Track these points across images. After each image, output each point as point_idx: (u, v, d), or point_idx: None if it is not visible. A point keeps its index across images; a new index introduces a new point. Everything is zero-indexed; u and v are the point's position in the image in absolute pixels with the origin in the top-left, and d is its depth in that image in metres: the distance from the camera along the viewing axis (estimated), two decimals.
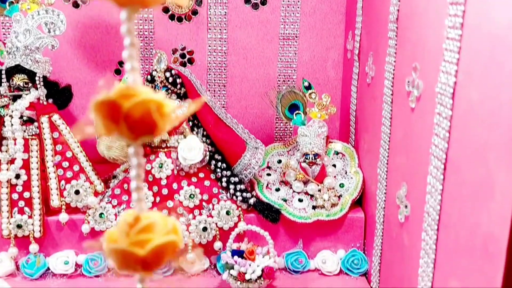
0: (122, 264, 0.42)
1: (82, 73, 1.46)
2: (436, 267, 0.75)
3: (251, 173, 1.22)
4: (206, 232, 1.18)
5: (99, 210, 1.20)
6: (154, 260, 0.41)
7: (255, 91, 1.50)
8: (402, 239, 0.92)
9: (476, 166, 0.63)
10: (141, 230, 0.42)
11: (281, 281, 1.19)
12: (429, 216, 0.77)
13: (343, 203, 1.22)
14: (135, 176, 0.43)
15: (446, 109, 0.70)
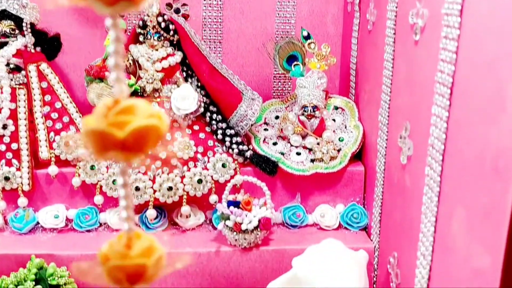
0: (100, 148, 0.38)
1: (72, 29, 1.40)
2: (440, 200, 0.72)
3: (247, 125, 1.18)
4: (201, 185, 1.14)
5: (90, 162, 1.16)
6: (135, 144, 0.37)
7: (252, 47, 1.45)
8: (404, 182, 0.88)
9: (485, 81, 0.59)
10: (121, 111, 0.38)
11: (279, 235, 1.15)
12: (433, 149, 0.73)
13: (342, 156, 1.18)
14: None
15: (453, 29, 0.66)
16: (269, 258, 1.09)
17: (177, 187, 1.13)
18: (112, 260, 0.40)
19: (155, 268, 0.41)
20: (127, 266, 0.40)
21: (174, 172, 1.13)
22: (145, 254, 0.41)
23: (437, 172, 0.72)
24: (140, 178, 1.13)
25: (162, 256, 0.42)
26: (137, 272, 0.40)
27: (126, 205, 0.42)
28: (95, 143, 0.38)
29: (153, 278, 0.42)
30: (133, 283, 0.41)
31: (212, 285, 1.10)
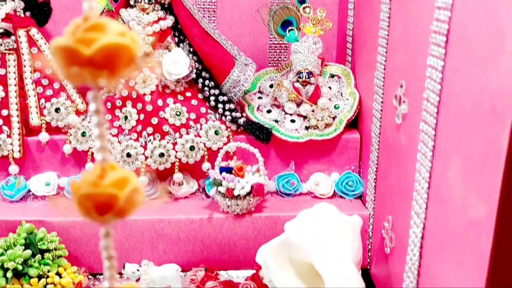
0: (67, 65, 0.35)
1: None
2: (435, 154, 0.70)
3: (240, 91, 1.16)
4: (193, 152, 1.12)
5: (81, 129, 1.14)
6: (102, 63, 0.35)
7: (247, 16, 1.41)
8: (399, 142, 0.86)
9: (482, 22, 0.56)
10: (90, 28, 0.36)
11: (272, 203, 1.14)
12: (428, 102, 0.71)
13: (338, 123, 1.16)
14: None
15: None
16: (262, 224, 1.08)
17: (169, 154, 1.11)
18: (82, 189, 0.38)
19: (128, 201, 0.39)
20: (96, 194, 0.38)
21: (166, 138, 1.11)
22: (117, 185, 0.39)
23: (432, 125, 0.69)
24: (131, 144, 1.11)
25: (136, 190, 0.40)
26: (107, 202, 0.38)
27: (100, 134, 0.40)
28: (62, 60, 0.36)
29: (125, 212, 0.40)
30: (102, 214, 0.39)
31: (205, 251, 1.09)
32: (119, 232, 1.07)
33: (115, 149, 1.12)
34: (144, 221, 1.07)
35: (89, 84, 0.37)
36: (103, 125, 0.40)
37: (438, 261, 0.69)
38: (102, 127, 0.40)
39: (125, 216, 0.41)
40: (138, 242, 1.08)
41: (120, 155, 1.11)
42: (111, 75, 0.36)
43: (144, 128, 1.11)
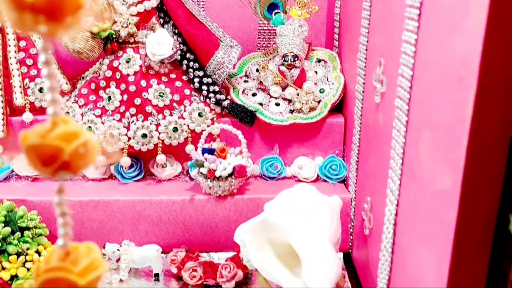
0: (10, 8, 0.35)
1: None
2: (408, 129, 0.69)
3: (224, 73, 1.15)
4: (176, 133, 1.12)
5: (64, 109, 1.14)
6: (46, 9, 0.35)
7: (236, 1, 1.41)
8: (378, 123, 0.86)
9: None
10: None
11: (256, 186, 1.13)
12: (402, 77, 0.70)
13: (322, 106, 1.15)
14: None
15: None
16: (244, 206, 1.08)
17: (151, 135, 1.11)
18: (29, 139, 0.38)
19: (74, 155, 0.39)
20: (41, 146, 0.38)
21: (149, 119, 1.11)
22: (65, 138, 0.39)
23: (405, 100, 0.69)
24: (114, 125, 1.11)
25: (86, 144, 0.40)
26: (52, 154, 0.38)
27: (50, 86, 0.39)
28: (5, 5, 0.35)
29: (72, 166, 0.40)
30: (46, 165, 0.38)
31: (186, 233, 1.08)
32: (100, 213, 1.07)
33: (98, 129, 1.12)
34: (125, 201, 1.07)
35: (34, 31, 0.36)
36: (53, 77, 0.39)
37: (410, 236, 0.69)
38: (52, 79, 0.39)
39: (75, 170, 0.40)
40: (120, 223, 1.08)
41: (103, 136, 1.11)
42: (54, 23, 0.35)
43: (127, 109, 1.11)
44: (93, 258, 0.45)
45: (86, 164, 0.42)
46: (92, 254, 0.45)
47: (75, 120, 1.13)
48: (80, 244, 0.45)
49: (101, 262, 0.45)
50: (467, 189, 0.53)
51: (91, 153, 0.42)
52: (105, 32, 1.09)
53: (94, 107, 1.14)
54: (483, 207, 0.53)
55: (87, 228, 1.08)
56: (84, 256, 0.44)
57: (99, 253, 0.45)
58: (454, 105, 0.55)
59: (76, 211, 1.07)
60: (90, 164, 0.42)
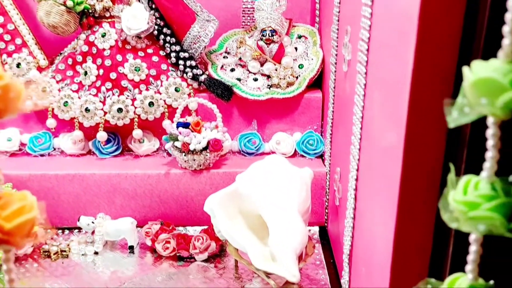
0: None
1: None
2: (366, 92, 0.68)
3: (201, 47, 1.15)
4: (152, 108, 1.12)
5: (42, 84, 1.14)
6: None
7: None
8: (345, 91, 0.85)
9: None
10: None
11: (233, 161, 1.13)
12: (362, 41, 0.69)
13: (300, 81, 1.15)
14: None
15: None
16: (219, 180, 1.08)
17: (127, 110, 1.11)
18: None
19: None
20: None
21: (124, 94, 1.11)
22: None
23: (364, 63, 0.68)
24: (90, 99, 1.11)
25: (7, 87, 0.40)
26: None
27: None
28: None
29: None
30: None
31: (162, 207, 1.09)
32: (76, 186, 1.08)
33: (74, 104, 1.12)
34: (101, 175, 1.07)
35: None
36: None
37: (365, 199, 0.68)
38: None
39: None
40: (95, 196, 1.08)
41: (79, 110, 1.11)
42: None
43: (103, 83, 1.11)
44: (24, 204, 0.45)
45: (12, 108, 0.42)
46: (24, 201, 0.45)
47: (52, 95, 1.14)
48: (14, 192, 0.45)
49: (32, 208, 0.45)
50: (410, 143, 0.53)
51: (15, 97, 0.42)
52: (80, 6, 1.09)
53: (71, 82, 1.14)
54: (427, 161, 0.53)
55: (63, 201, 1.08)
56: (15, 202, 0.44)
57: (32, 200, 0.45)
58: (398, 62, 0.54)
59: (52, 184, 1.07)
60: (16, 107, 0.42)
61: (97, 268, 0.99)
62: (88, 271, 0.98)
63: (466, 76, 0.35)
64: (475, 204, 0.39)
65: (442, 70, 0.51)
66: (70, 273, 0.97)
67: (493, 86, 0.33)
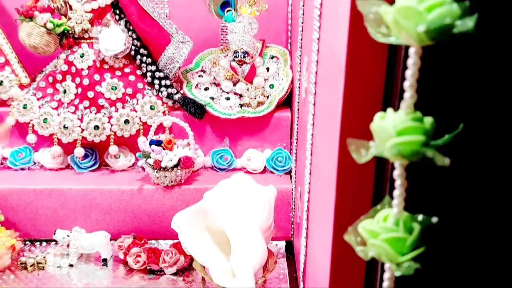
0: None
1: None
2: (314, 121, 0.73)
3: (175, 68, 1.20)
4: (128, 126, 1.17)
5: (23, 102, 1.19)
6: None
7: (199, 1, 1.45)
8: (303, 115, 0.90)
9: None
10: None
11: (205, 176, 1.18)
12: (312, 74, 0.75)
13: (270, 101, 1.20)
14: None
15: None
16: (190, 196, 1.12)
17: (104, 127, 1.16)
18: None
19: None
20: None
21: (101, 112, 1.16)
22: None
23: (313, 94, 0.73)
24: (68, 117, 1.16)
25: None
26: None
27: None
28: None
29: None
30: None
31: (135, 221, 1.13)
32: (53, 201, 1.12)
33: (54, 121, 1.17)
34: (77, 190, 1.12)
35: None
36: None
37: (314, 220, 0.73)
38: None
39: None
40: (72, 211, 1.13)
41: (58, 127, 1.16)
42: None
43: (81, 101, 1.16)
44: None
45: None
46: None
47: (33, 112, 1.18)
48: None
49: None
50: (342, 175, 0.58)
51: None
52: (60, 28, 1.14)
53: (51, 99, 1.19)
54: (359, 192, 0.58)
55: (41, 215, 1.13)
56: None
57: None
58: (333, 99, 0.59)
59: (31, 198, 1.12)
60: None
61: (71, 280, 1.03)
62: (62, 283, 1.02)
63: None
64: (375, 233, 0.44)
65: (369, 108, 0.56)
66: (44, 285, 1.01)
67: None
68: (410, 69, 0.42)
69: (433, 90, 0.48)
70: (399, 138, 0.41)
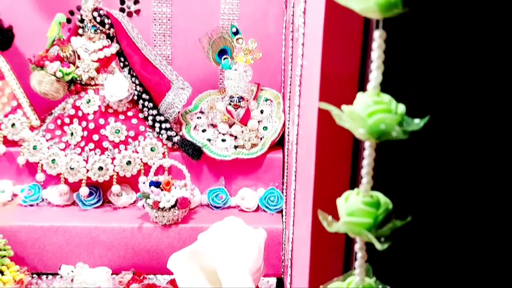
0: None
1: (35, 22, 1.50)
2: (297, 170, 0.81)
3: (175, 112, 1.28)
4: (130, 166, 1.25)
5: (33, 143, 1.28)
6: None
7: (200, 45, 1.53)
8: (291, 157, 0.97)
9: None
10: None
11: (201, 214, 1.25)
12: (295, 126, 0.82)
13: (263, 143, 1.28)
14: None
15: None
16: (186, 235, 1.20)
17: (107, 168, 1.24)
18: None
19: None
20: None
21: (105, 153, 1.24)
22: None
23: (295, 144, 0.81)
24: (75, 158, 1.24)
25: None
26: None
27: None
28: None
29: None
30: None
31: (135, 257, 1.21)
32: (59, 237, 1.20)
33: (61, 161, 1.25)
34: (82, 228, 1.20)
35: None
36: None
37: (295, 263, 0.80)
38: None
39: None
40: (76, 247, 1.20)
41: (65, 168, 1.24)
42: None
43: (86, 144, 1.25)
44: None
45: None
46: None
47: (42, 152, 1.27)
48: None
49: None
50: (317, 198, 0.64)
51: None
52: (69, 76, 1.23)
53: (59, 141, 1.28)
54: None
55: (48, 251, 1.20)
56: None
57: None
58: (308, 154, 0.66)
59: (39, 235, 1.20)
60: None
61: None
62: None
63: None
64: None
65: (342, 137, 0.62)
66: None
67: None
68: (366, 159, 0.48)
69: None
70: (350, 218, 0.48)
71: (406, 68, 0.59)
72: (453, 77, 0.58)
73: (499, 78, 0.57)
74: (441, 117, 0.58)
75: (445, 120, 0.59)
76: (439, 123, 0.58)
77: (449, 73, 0.58)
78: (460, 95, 0.59)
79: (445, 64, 0.58)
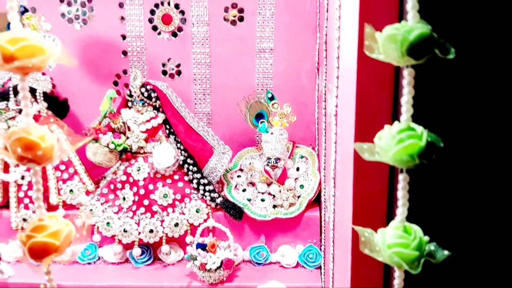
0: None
1: (83, 85, 1.64)
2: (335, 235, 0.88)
3: (217, 176, 1.38)
4: (177, 227, 1.35)
5: (89, 206, 1.40)
6: None
7: (237, 99, 1.63)
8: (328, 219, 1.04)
9: None
10: None
11: (244, 271, 1.34)
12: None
13: (301, 202, 1.35)
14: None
15: None
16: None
17: (157, 230, 1.34)
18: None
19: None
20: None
21: (155, 216, 1.35)
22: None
23: (332, 206, 0.88)
24: (127, 221, 1.35)
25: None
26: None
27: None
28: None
29: None
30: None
31: None
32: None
33: (115, 224, 1.36)
34: (135, 287, 1.30)
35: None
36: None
37: None
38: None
39: None
40: None
41: (119, 230, 1.35)
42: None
43: (138, 208, 1.36)
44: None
45: None
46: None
47: (97, 215, 1.39)
48: None
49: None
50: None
51: None
52: (120, 147, 1.35)
53: (113, 205, 1.39)
54: None
55: None
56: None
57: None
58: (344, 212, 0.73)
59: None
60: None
61: None
62: None
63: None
64: None
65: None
66: None
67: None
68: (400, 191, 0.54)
69: None
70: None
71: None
72: None
73: None
74: None
75: None
76: None
77: None
78: None
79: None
